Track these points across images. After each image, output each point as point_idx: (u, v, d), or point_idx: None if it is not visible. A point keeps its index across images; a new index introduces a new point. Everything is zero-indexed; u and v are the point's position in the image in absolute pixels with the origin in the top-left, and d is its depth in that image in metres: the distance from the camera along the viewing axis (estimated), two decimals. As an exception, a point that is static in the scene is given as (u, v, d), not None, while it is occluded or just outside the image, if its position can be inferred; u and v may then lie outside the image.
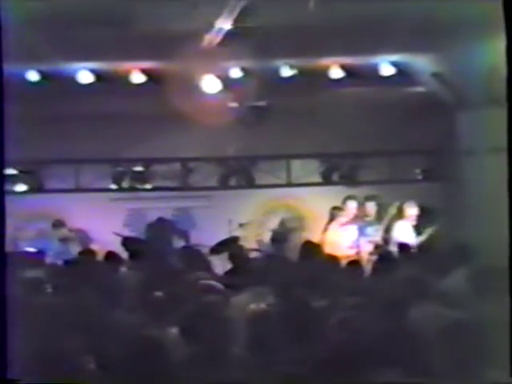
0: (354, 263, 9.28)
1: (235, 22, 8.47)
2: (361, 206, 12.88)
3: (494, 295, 5.84)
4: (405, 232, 12.17)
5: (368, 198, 13.02)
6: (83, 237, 13.18)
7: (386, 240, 12.29)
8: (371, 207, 12.91)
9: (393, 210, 12.51)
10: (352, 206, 12.76)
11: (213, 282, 6.30)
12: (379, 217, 12.80)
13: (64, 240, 12.97)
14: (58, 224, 13.21)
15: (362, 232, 12.37)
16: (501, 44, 11.61)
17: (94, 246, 12.14)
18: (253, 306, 5.74)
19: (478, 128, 11.94)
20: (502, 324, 4.53)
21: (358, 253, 11.90)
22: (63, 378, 4.73)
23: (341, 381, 4.52)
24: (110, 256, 9.79)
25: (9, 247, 12.88)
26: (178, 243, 12.85)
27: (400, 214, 12.46)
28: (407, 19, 8.95)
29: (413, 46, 11.36)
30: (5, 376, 3.79)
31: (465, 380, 4.50)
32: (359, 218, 12.68)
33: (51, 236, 13.19)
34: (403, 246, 10.63)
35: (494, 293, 5.87)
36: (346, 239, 12.30)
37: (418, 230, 12.30)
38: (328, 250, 11.21)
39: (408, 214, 12.41)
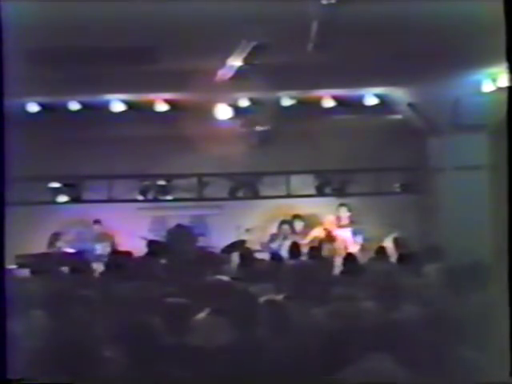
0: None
1: (244, 59, 8.55)
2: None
3: (462, 289, 5.86)
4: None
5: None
6: (112, 240, 13.22)
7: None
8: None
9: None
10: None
11: (231, 281, 6.21)
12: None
13: (98, 241, 13.08)
14: (97, 222, 13.40)
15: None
16: (465, 79, 11.63)
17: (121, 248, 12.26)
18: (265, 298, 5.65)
19: (445, 150, 12.05)
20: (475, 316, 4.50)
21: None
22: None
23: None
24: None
25: (51, 248, 12.80)
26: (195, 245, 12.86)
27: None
28: (388, 58, 9.07)
29: (392, 81, 11.46)
30: (5, 376, 3.39)
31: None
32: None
33: (91, 233, 13.33)
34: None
35: (462, 286, 5.91)
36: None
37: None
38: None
39: None
